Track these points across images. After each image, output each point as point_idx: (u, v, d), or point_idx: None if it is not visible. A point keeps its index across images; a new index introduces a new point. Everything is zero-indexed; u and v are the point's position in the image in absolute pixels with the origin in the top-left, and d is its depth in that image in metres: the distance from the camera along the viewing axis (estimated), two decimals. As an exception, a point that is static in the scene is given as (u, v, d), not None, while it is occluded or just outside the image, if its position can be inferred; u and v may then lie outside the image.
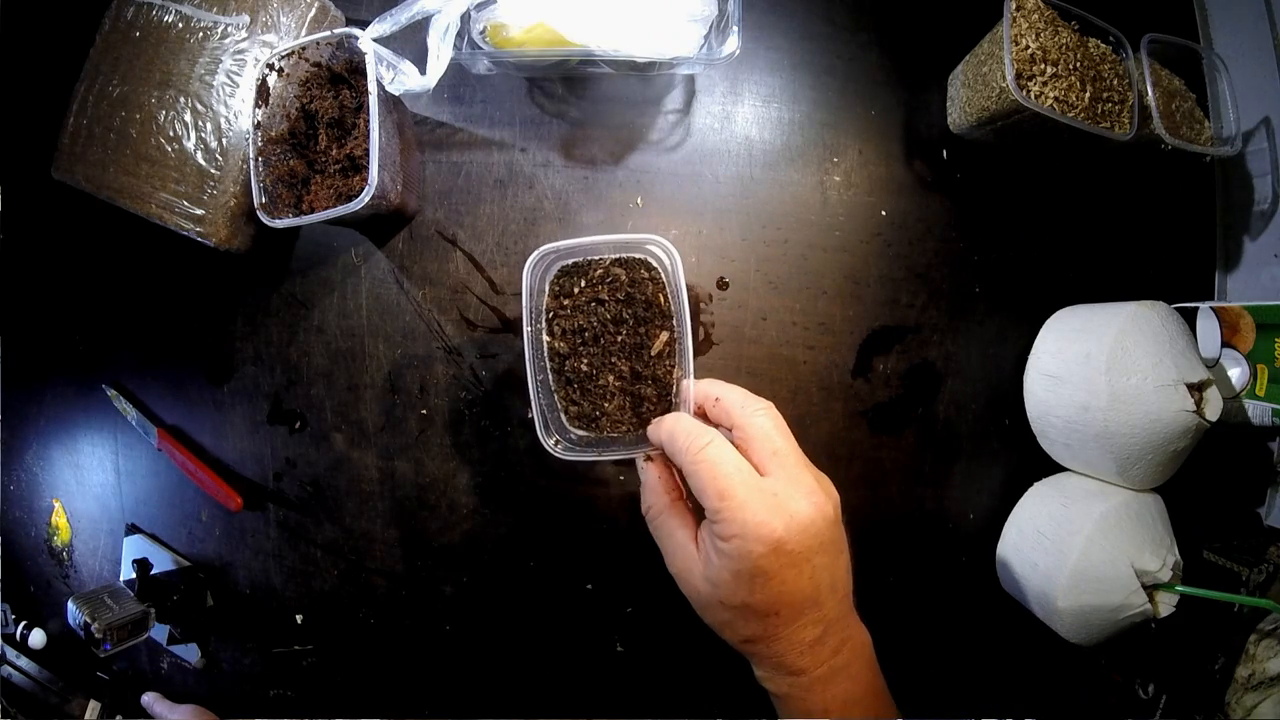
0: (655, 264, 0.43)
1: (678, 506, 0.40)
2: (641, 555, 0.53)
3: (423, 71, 0.44)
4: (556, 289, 0.44)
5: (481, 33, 0.45)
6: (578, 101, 0.52)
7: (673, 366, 0.42)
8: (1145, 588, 0.46)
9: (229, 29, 0.47)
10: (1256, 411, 0.50)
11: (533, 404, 0.41)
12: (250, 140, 0.45)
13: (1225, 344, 0.51)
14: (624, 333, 0.43)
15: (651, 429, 0.39)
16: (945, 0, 0.54)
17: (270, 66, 0.46)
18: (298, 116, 0.47)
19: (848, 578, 0.38)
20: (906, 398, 0.54)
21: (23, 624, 0.57)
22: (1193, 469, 0.49)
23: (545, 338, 0.43)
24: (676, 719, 0.54)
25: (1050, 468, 0.54)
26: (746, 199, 0.53)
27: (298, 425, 0.54)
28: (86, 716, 0.57)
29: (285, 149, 0.47)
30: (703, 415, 0.40)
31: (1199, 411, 0.45)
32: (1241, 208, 0.57)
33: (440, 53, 0.43)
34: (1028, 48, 0.47)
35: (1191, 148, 0.50)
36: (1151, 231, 0.57)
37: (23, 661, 0.57)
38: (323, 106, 0.47)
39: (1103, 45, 0.50)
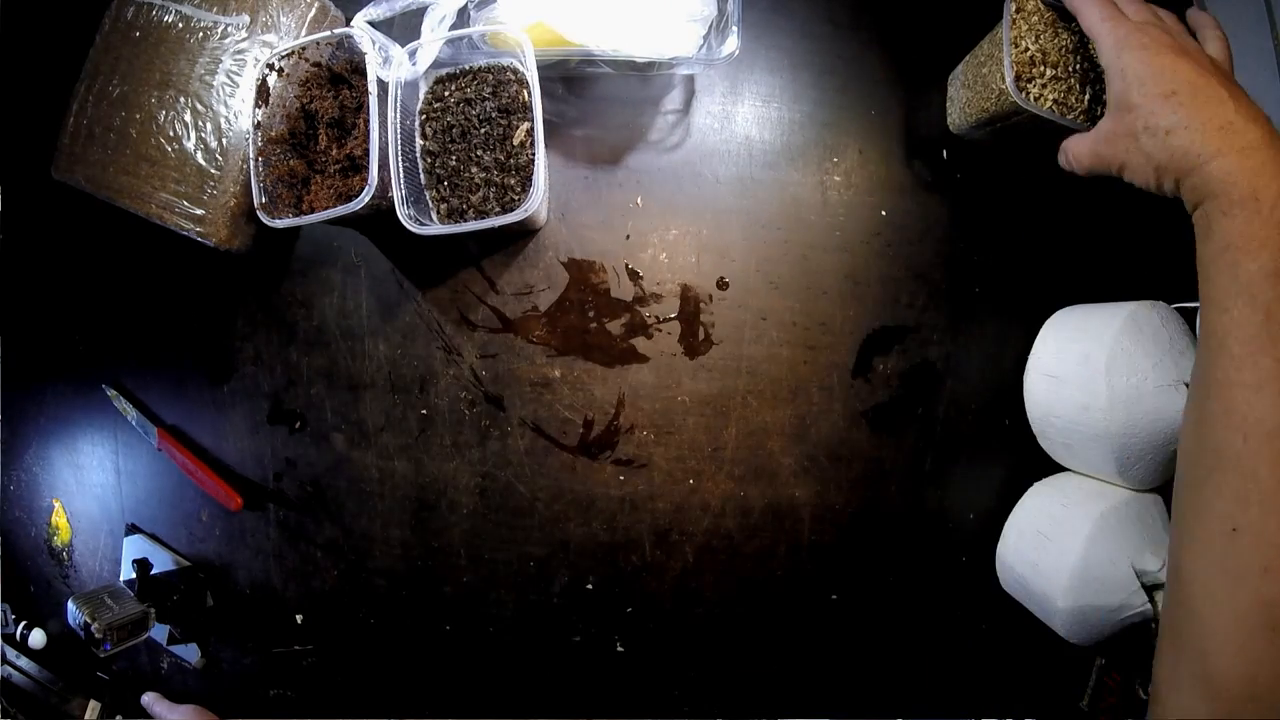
0: (520, 66, 0.46)
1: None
2: (641, 555, 0.53)
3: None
4: (431, 95, 0.47)
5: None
6: (578, 101, 0.52)
7: (534, 157, 0.44)
8: (1145, 588, 0.46)
9: (229, 29, 0.47)
10: (1256, 411, 0.50)
11: (393, 180, 0.43)
12: (250, 140, 0.45)
13: (1225, 344, 0.51)
14: (487, 127, 0.46)
15: None
16: (946, 0, 0.55)
17: (270, 66, 0.46)
18: (298, 116, 0.47)
19: (1244, 100, 0.38)
20: (906, 398, 0.54)
21: (23, 624, 0.57)
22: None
23: (418, 140, 0.47)
24: (676, 719, 0.54)
25: (1050, 468, 0.54)
26: (746, 199, 0.53)
27: (298, 425, 0.54)
28: (86, 716, 0.57)
29: (285, 149, 0.47)
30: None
31: (1199, 411, 0.45)
32: (1241, 208, 0.56)
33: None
34: (1027, 49, 0.47)
35: (1191, 148, 0.49)
36: (1151, 231, 0.57)
37: (23, 661, 0.57)
38: (323, 106, 0.47)
39: None
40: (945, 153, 0.54)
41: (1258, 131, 0.36)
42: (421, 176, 0.47)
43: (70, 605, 0.48)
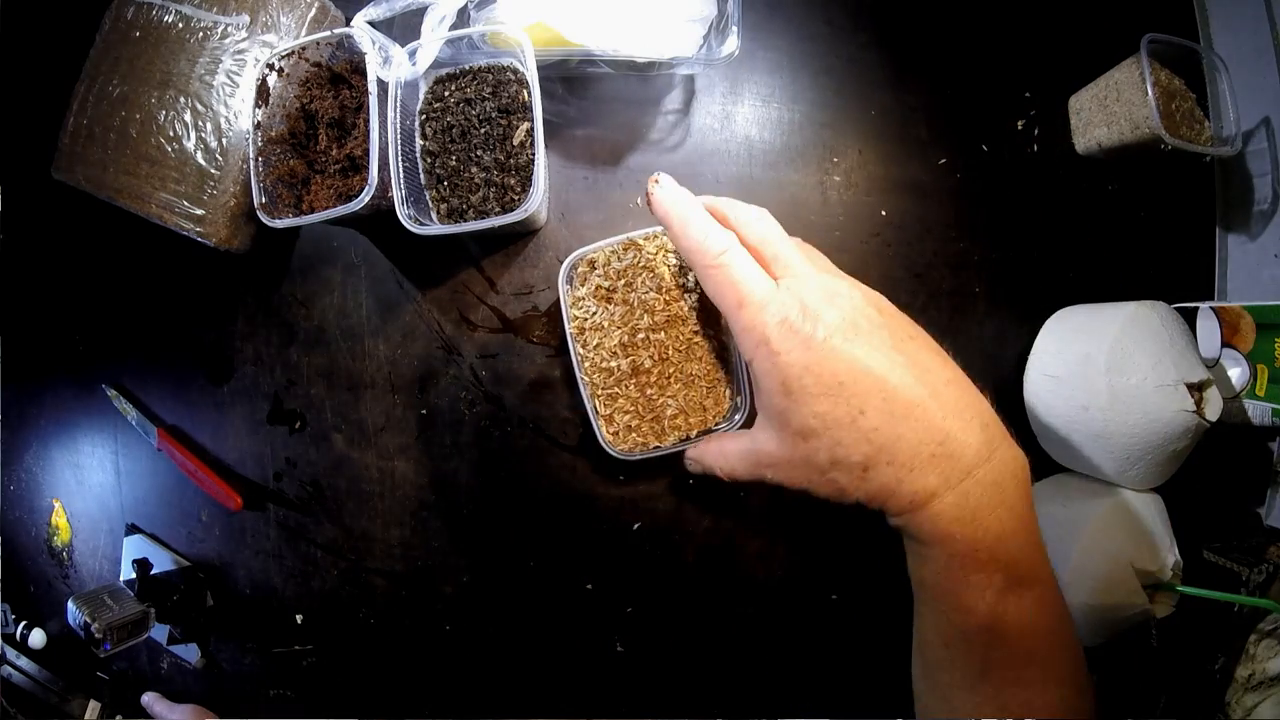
0: (520, 66, 0.46)
1: (726, 437, 0.39)
2: (641, 555, 0.53)
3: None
4: (431, 95, 0.47)
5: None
6: (578, 101, 0.52)
7: (534, 157, 0.44)
8: (1145, 588, 0.46)
9: (229, 29, 0.47)
10: (1256, 411, 0.50)
11: (393, 180, 0.42)
12: (250, 140, 0.45)
13: (1225, 344, 0.51)
14: (487, 127, 0.46)
15: (658, 199, 0.36)
16: (943, 1, 0.55)
17: (270, 66, 0.46)
18: (298, 116, 0.47)
19: (948, 380, 0.32)
20: (906, 398, 0.54)
21: (23, 624, 0.57)
22: (1193, 469, 0.49)
23: (418, 140, 0.47)
24: (676, 719, 0.54)
25: (1050, 468, 0.54)
26: (746, 199, 0.52)
27: (298, 425, 0.54)
28: (86, 716, 0.57)
29: (285, 149, 0.47)
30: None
31: (1199, 411, 0.45)
32: (1241, 208, 0.57)
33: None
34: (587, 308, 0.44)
35: (1191, 148, 0.50)
36: (1151, 231, 0.57)
37: (23, 661, 0.57)
38: (323, 106, 0.47)
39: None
40: (944, 156, 0.54)
41: (972, 446, 0.30)
42: (421, 176, 0.47)
43: (70, 605, 0.48)
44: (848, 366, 0.30)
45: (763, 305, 0.32)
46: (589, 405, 0.43)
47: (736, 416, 0.44)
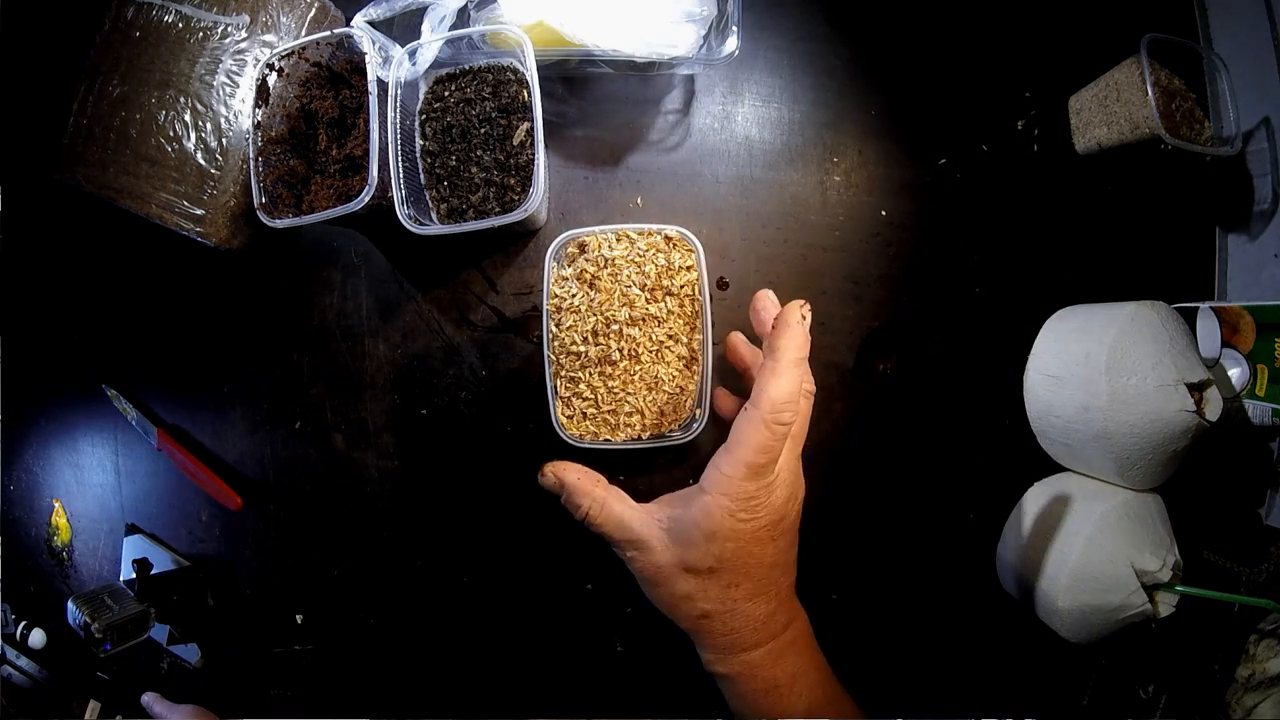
0: (520, 66, 0.46)
1: (614, 491, 0.43)
2: (641, 555, 0.53)
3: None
4: (431, 95, 0.47)
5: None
6: (578, 101, 0.52)
7: (534, 157, 0.44)
8: (1145, 588, 0.46)
9: (229, 29, 0.47)
10: (1256, 411, 0.50)
11: (393, 180, 0.43)
12: (250, 140, 0.45)
13: (1225, 344, 0.51)
14: (487, 127, 0.46)
15: (797, 329, 0.38)
16: (940, 2, 0.55)
17: (270, 66, 0.46)
18: (298, 116, 0.47)
19: (794, 563, 0.43)
20: (906, 398, 0.54)
21: (23, 624, 0.57)
22: (1193, 469, 0.49)
23: (418, 140, 0.47)
24: (676, 719, 0.54)
25: (1050, 468, 0.54)
26: (746, 199, 0.53)
27: (298, 425, 0.54)
28: (86, 716, 0.57)
29: (285, 149, 0.47)
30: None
31: (1199, 411, 0.45)
32: (1241, 208, 0.57)
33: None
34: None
35: (1191, 148, 0.50)
36: (1151, 231, 0.57)
37: (23, 661, 0.57)
38: (323, 106, 0.47)
39: None
40: (945, 152, 0.54)
41: (798, 627, 0.43)
42: (421, 176, 0.47)
43: (70, 605, 0.48)
44: (770, 559, 0.40)
45: (763, 486, 0.38)
46: (549, 384, 0.43)
47: (694, 426, 0.43)
